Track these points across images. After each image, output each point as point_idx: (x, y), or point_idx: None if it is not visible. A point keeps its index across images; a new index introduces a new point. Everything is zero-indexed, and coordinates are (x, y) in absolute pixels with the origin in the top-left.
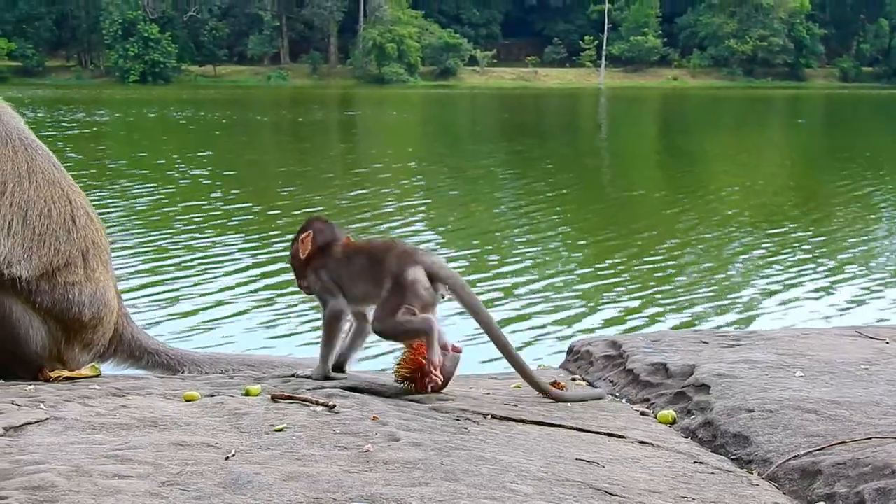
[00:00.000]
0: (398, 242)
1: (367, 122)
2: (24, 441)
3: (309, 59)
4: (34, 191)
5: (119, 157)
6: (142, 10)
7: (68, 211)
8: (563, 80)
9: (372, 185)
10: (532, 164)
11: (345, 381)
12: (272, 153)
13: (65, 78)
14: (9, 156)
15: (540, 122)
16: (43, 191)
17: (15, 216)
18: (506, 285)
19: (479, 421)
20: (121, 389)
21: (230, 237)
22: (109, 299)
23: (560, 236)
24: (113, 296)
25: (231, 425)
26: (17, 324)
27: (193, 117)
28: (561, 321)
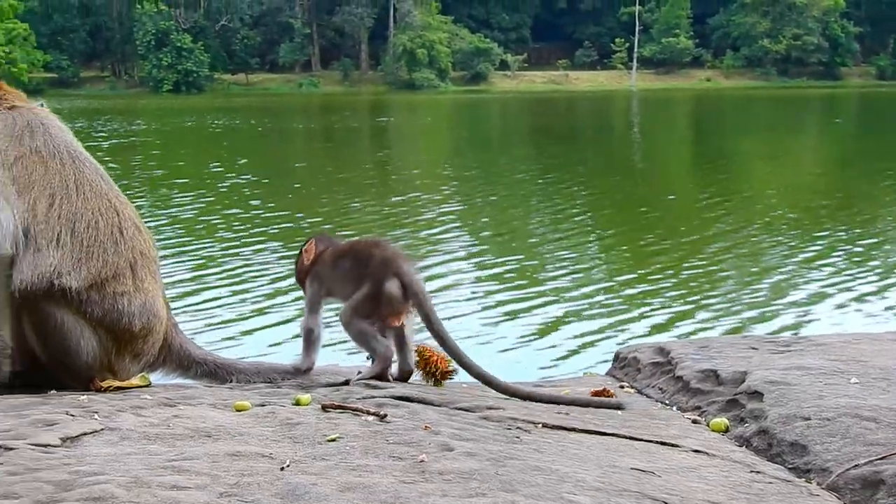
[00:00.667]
0: (382, 244)
1: (399, 129)
2: (81, 452)
3: (340, 65)
4: (82, 203)
5: (158, 167)
6: (174, 21)
7: (116, 222)
8: (595, 82)
9: (411, 191)
10: (566, 168)
11: (393, 390)
12: (309, 160)
13: (99, 88)
14: (57, 168)
15: (573, 126)
16: (91, 203)
17: (63, 228)
18: (548, 292)
19: (530, 430)
20: (172, 399)
21: (270, 245)
22: (158, 309)
23: (600, 241)
24: (162, 306)
25: (284, 435)
26: (68, 334)
27: (229, 125)
28: (605, 328)
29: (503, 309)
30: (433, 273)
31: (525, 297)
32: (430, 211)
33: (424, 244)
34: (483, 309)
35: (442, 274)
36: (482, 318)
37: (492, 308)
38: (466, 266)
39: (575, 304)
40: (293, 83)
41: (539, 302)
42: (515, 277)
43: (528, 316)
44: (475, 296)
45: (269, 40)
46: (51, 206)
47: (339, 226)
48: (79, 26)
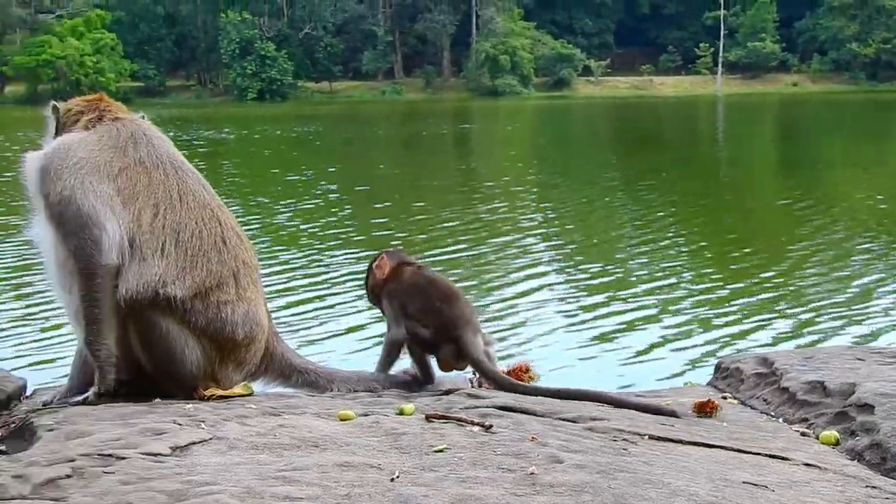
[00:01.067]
0: (452, 300)
1: (483, 135)
2: (192, 461)
3: (422, 72)
4: (186, 213)
5: (247, 175)
6: (258, 29)
7: (218, 232)
8: (679, 87)
9: (496, 198)
10: (653, 174)
11: (496, 400)
12: (395, 167)
13: (185, 97)
14: (160, 179)
15: (658, 132)
16: (194, 212)
17: (168, 238)
18: (642, 301)
19: (636, 442)
20: (276, 409)
21: (360, 253)
22: (261, 318)
23: (692, 249)
24: (264, 314)
25: (390, 445)
26: (172, 343)
27: (316, 133)
28: (703, 338)
29: (597, 319)
30: (522, 282)
31: (619, 307)
32: (516, 218)
33: (512, 251)
34: (575, 319)
35: (532, 284)
36: (574, 328)
37: (585, 318)
38: (557, 275)
39: (672, 313)
40: (376, 91)
41: (634, 311)
42: (608, 286)
43: (623, 326)
44: (567, 305)
45: (352, 48)
46: (155, 216)
47: (426, 233)
48: (165, 35)
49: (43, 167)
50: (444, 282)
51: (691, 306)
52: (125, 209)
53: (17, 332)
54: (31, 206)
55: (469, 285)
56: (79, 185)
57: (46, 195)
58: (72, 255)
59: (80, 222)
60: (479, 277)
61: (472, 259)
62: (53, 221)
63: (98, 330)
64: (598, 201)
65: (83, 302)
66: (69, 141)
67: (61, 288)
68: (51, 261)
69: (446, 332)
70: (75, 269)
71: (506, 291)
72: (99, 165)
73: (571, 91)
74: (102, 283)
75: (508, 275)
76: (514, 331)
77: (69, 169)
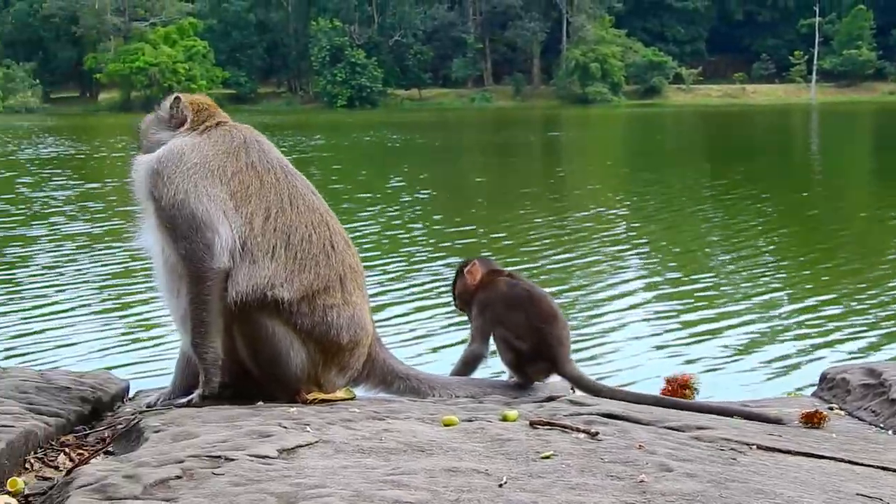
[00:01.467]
0: (552, 320)
1: (573, 143)
2: (299, 464)
3: (512, 80)
4: (296, 216)
5: (340, 181)
6: (348, 37)
7: (327, 236)
8: (773, 96)
9: (588, 206)
10: (748, 183)
11: (600, 407)
12: (486, 175)
13: (275, 104)
14: (272, 182)
15: (751, 140)
16: (304, 217)
17: (279, 241)
18: (742, 311)
19: (745, 451)
20: (380, 413)
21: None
22: (366, 323)
23: (792, 259)
24: (369, 319)
25: (496, 451)
26: (278, 345)
27: (405, 140)
28: (806, 348)
29: (696, 328)
30: (611, 290)
31: (713, 317)
32: (606, 227)
33: (608, 261)
34: (675, 329)
35: (622, 291)
36: (674, 338)
37: (684, 327)
38: (648, 284)
39: (773, 323)
40: (465, 98)
41: (735, 321)
42: (702, 296)
43: (723, 336)
44: (659, 315)
45: (442, 55)
46: (266, 219)
47: (514, 240)
48: (256, 43)
49: (155, 171)
50: (546, 300)
51: (789, 316)
52: (237, 212)
53: (119, 334)
54: (140, 209)
55: (556, 291)
56: (192, 188)
57: (159, 199)
58: (183, 258)
59: (193, 225)
60: (567, 284)
61: (560, 267)
62: (165, 225)
63: (205, 333)
64: (690, 210)
65: (192, 305)
66: (181, 145)
67: (168, 291)
68: (159, 264)
69: (542, 352)
70: (185, 272)
71: (596, 299)
72: (212, 169)
73: (662, 99)
74: (212, 287)
75: (598, 283)
76: (604, 339)
77: (183, 173)
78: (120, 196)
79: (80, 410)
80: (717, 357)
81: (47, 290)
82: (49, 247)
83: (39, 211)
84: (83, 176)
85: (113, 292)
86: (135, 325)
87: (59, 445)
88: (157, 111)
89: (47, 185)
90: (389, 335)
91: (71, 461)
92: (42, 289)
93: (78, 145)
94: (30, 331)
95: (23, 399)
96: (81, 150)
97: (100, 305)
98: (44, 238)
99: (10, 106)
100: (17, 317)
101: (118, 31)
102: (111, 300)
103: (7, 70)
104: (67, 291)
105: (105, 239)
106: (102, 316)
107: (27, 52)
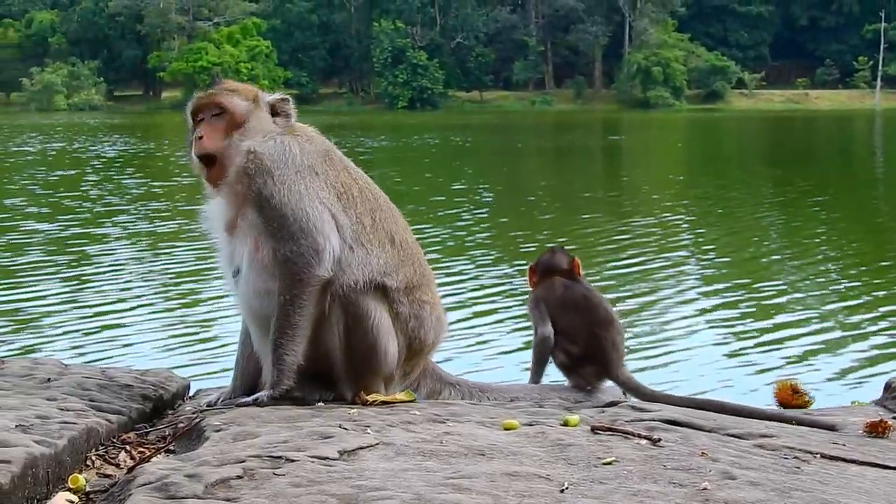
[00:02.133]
0: (607, 324)
1: (634, 147)
2: (360, 466)
3: (573, 83)
4: (391, 219)
5: (408, 182)
6: (410, 38)
7: (415, 240)
8: (836, 101)
9: (650, 211)
10: (811, 189)
11: (661, 413)
12: (547, 178)
13: (336, 105)
14: (365, 185)
15: (814, 146)
16: (398, 220)
17: (385, 237)
18: (804, 318)
19: (808, 460)
20: (440, 416)
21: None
22: (445, 326)
23: (856, 266)
24: (446, 323)
25: (557, 456)
26: (379, 332)
27: (469, 143)
28: (868, 356)
29: (760, 337)
30: (672, 297)
31: (783, 324)
32: (674, 232)
33: (671, 266)
34: (739, 336)
35: (683, 298)
36: (738, 346)
37: (748, 335)
38: (709, 290)
39: (837, 331)
40: (526, 101)
41: (799, 330)
42: (771, 304)
43: (785, 343)
44: (720, 322)
45: (504, 58)
46: (373, 220)
47: (581, 245)
48: (319, 44)
49: (267, 169)
50: (603, 304)
51: (854, 325)
52: (346, 214)
53: (181, 333)
54: (236, 202)
55: (619, 297)
56: (304, 190)
57: (269, 197)
58: (287, 260)
59: (304, 228)
60: (629, 290)
61: (623, 273)
62: (271, 223)
63: (293, 336)
64: (754, 216)
65: (286, 306)
66: (289, 145)
67: (253, 291)
68: (247, 262)
69: (596, 356)
70: (286, 273)
71: (660, 306)
72: (319, 173)
73: (724, 104)
74: (312, 292)
75: (662, 289)
76: (665, 346)
77: (295, 175)
78: (183, 195)
79: (142, 408)
80: (781, 365)
81: (111, 289)
82: (113, 245)
83: (104, 209)
84: (148, 174)
85: (176, 292)
86: (196, 325)
87: (120, 443)
88: (253, 102)
89: (112, 183)
90: (451, 340)
91: (132, 459)
92: (106, 287)
93: (142, 143)
94: (93, 329)
95: (85, 396)
96: (145, 148)
97: (163, 304)
98: (108, 237)
99: (74, 103)
100: (81, 314)
101: (182, 30)
102: (174, 299)
103: (72, 68)
104: (131, 290)
105: (168, 238)
106: (165, 315)
107: (92, 50)
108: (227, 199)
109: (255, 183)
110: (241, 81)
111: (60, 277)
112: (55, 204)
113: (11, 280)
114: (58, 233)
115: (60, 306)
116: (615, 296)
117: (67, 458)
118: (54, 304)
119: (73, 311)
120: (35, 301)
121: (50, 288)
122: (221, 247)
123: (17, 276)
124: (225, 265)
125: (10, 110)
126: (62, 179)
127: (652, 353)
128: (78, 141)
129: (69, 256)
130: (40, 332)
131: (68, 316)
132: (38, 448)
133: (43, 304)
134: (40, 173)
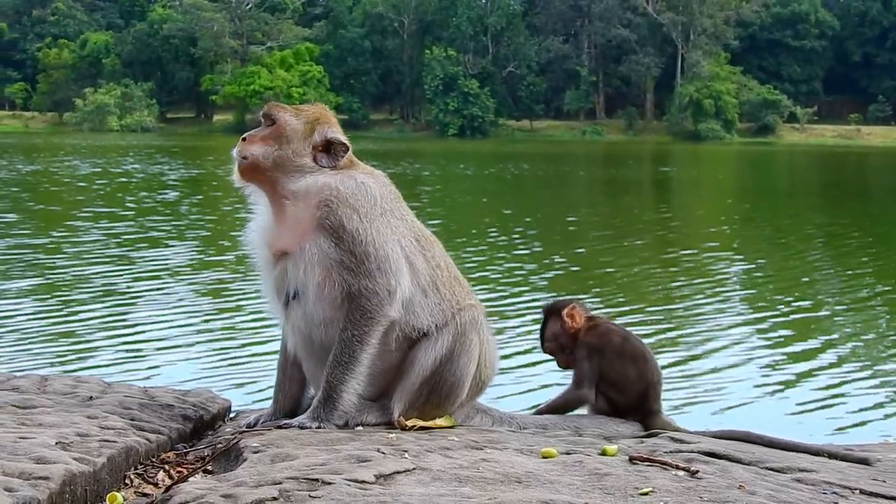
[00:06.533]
0: (652, 379)
1: (684, 180)
2: (396, 490)
3: (624, 114)
4: (447, 262)
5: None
6: (462, 66)
7: (460, 274)
8: (889, 138)
9: (698, 245)
10: (862, 227)
11: (701, 445)
12: (595, 209)
13: (387, 131)
14: (423, 226)
15: (866, 183)
16: (451, 262)
17: (454, 279)
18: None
19: (847, 496)
20: (478, 442)
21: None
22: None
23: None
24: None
25: (594, 486)
26: (469, 360)
27: (527, 172)
28: None
29: (795, 368)
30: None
31: (827, 364)
32: (720, 266)
33: (715, 301)
34: (775, 368)
35: (732, 335)
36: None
37: (784, 368)
38: (756, 327)
39: (875, 366)
40: (576, 130)
41: (842, 370)
42: (809, 341)
43: (824, 377)
44: (766, 358)
45: (555, 87)
46: (445, 262)
47: (626, 277)
48: (370, 70)
49: (351, 206)
50: (651, 356)
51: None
52: (424, 256)
53: (224, 354)
54: (300, 228)
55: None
56: (387, 230)
57: (352, 232)
58: (359, 295)
59: (382, 268)
60: (673, 323)
61: (667, 308)
62: (350, 257)
63: (354, 370)
64: (802, 255)
65: (352, 342)
66: (367, 182)
67: (311, 320)
68: (312, 293)
69: (642, 407)
70: (357, 308)
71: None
72: (396, 214)
73: (776, 138)
74: (379, 331)
75: (704, 324)
76: (710, 380)
77: (378, 214)
78: (231, 220)
79: (182, 428)
80: (816, 399)
81: (155, 309)
82: (159, 266)
83: (152, 231)
84: (199, 200)
85: (219, 313)
86: (239, 346)
87: (159, 462)
88: (304, 141)
89: (161, 204)
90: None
91: (170, 478)
92: (150, 307)
93: (193, 166)
94: (135, 348)
95: (126, 415)
96: (197, 171)
97: (206, 325)
98: (154, 257)
99: (126, 124)
100: (124, 333)
101: (235, 53)
102: (218, 320)
103: (125, 89)
104: (175, 310)
105: (213, 261)
106: (208, 335)
107: (145, 71)
108: (287, 223)
109: (334, 215)
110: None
111: (104, 294)
112: (100, 218)
113: (57, 295)
114: (102, 250)
115: (104, 323)
116: (657, 328)
117: (106, 477)
118: (97, 321)
119: (117, 329)
120: (80, 319)
121: (96, 306)
122: (268, 268)
123: (61, 292)
124: (274, 288)
125: (64, 129)
126: (106, 196)
127: (692, 387)
128: (127, 162)
129: (116, 276)
130: (84, 350)
131: (111, 334)
132: (77, 465)
133: (88, 321)
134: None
